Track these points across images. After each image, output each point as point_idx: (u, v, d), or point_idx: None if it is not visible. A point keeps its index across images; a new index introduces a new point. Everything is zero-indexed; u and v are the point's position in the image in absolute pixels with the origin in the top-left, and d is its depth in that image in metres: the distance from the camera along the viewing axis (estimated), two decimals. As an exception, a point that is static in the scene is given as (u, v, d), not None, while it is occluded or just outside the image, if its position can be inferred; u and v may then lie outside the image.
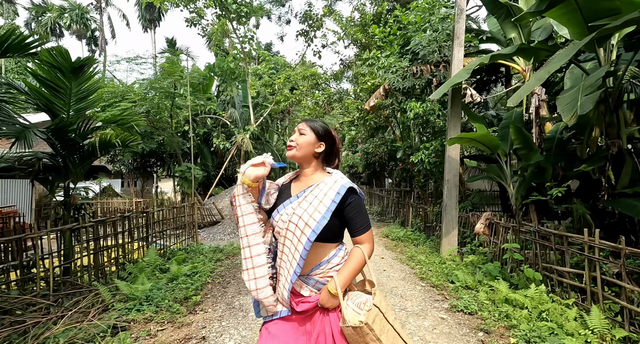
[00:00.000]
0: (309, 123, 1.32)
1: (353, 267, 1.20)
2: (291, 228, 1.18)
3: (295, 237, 1.17)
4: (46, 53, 3.76)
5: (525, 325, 2.50)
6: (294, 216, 1.19)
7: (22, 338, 2.43)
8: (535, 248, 3.48)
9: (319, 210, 1.17)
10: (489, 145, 4.72)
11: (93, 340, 2.46)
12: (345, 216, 1.22)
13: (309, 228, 1.14)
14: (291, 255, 1.19)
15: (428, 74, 6.35)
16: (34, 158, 4.05)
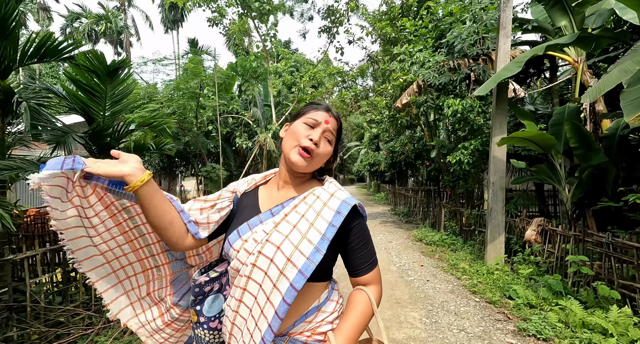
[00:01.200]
0: (339, 124, 0.91)
1: (358, 320, 0.79)
2: (262, 265, 0.75)
3: (268, 280, 0.74)
4: (83, 57, 3.73)
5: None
6: (268, 245, 0.76)
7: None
8: (609, 262, 3.11)
9: (310, 239, 0.76)
10: (542, 145, 4.33)
11: (137, 356, 2.35)
12: (345, 247, 0.84)
13: (293, 268, 0.73)
14: (258, 309, 0.75)
15: (466, 68, 5.95)
16: (72, 162, 4.03)
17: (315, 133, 0.84)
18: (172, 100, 9.12)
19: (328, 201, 0.83)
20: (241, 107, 15.40)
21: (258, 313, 0.75)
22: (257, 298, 0.75)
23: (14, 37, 3.34)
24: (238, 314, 0.78)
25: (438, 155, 6.82)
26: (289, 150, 0.84)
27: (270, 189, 0.93)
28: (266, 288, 0.74)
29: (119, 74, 4.02)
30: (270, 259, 0.75)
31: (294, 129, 0.86)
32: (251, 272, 0.77)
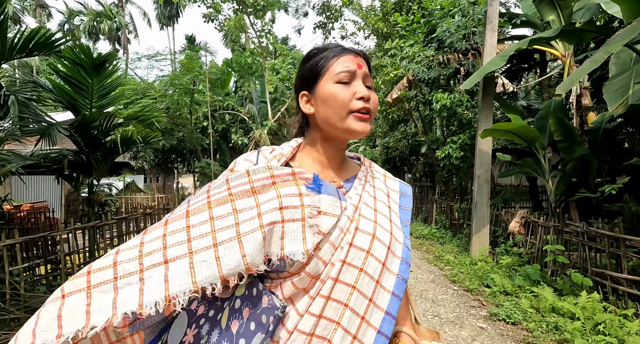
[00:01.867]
0: (370, 64, 0.72)
1: (408, 306, 0.72)
2: (355, 260, 0.60)
3: (366, 278, 0.60)
4: (69, 50, 3.76)
5: (580, 340, 2.23)
6: (360, 234, 0.61)
7: None
8: (583, 251, 3.16)
9: (396, 223, 0.67)
10: (526, 138, 4.37)
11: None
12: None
13: (394, 258, 0.63)
14: (357, 318, 0.58)
15: (455, 63, 5.98)
16: (60, 155, 4.08)
17: (359, 86, 0.66)
18: (166, 96, 9.14)
19: (386, 181, 0.76)
20: (237, 104, 15.42)
21: (357, 323, 0.57)
22: (351, 304, 0.58)
23: (1, 31, 3.36)
24: (313, 337, 0.57)
25: (428, 150, 6.86)
26: (340, 121, 0.65)
27: (311, 168, 0.70)
28: (365, 288, 0.59)
29: (105, 68, 4.05)
30: (367, 251, 0.60)
31: (329, 95, 0.65)
32: (339, 272, 0.58)
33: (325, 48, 0.69)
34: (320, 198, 0.60)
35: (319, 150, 0.72)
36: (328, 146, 0.71)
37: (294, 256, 0.55)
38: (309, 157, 0.73)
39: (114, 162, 5.21)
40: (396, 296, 0.60)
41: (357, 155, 0.82)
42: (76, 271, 3.35)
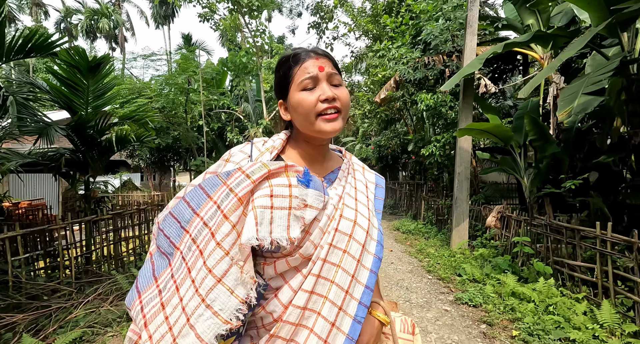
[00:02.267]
0: (332, 60, 0.76)
1: (378, 281, 0.83)
2: (339, 243, 0.69)
3: (349, 258, 0.69)
4: (65, 52, 3.94)
5: (530, 318, 2.47)
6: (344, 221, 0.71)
7: (48, 320, 2.63)
8: (547, 242, 3.40)
9: (371, 210, 0.78)
10: (501, 137, 4.60)
11: (110, 325, 2.63)
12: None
13: (371, 241, 0.73)
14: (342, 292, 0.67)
15: (440, 65, 6.20)
16: (57, 153, 4.28)
17: (323, 88, 0.70)
18: (161, 95, 9.32)
19: (364, 173, 0.84)
20: (233, 102, 15.60)
21: (341, 297, 0.67)
22: (336, 280, 0.67)
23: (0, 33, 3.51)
24: (305, 310, 0.65)
25: (415, 148, 7.10)
26: (310, 125, 0.71)
27: (298, 161, 0.78)
28: (348, 266, 0.68)
29: (100, 69, 4.22)
30: (350, 235, 0.69)
31: (297, 103, 0.71)
32: (327, 254, 0.67)
33: (290, 56, 0.74)
34: (307, 192, 0.66)
35: (303, 147, 0.79)
36: (310, 144, 0.78)
37: (280, 241, 0.61)
38: (296, 151, 0.80)
39: (110, 160, 5.40)
40: (373, 272, 0.71)
41: (339, 148, 0.89)
42: (73, 263, 3.56)
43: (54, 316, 2.65)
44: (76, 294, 3.15)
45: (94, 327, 2.53)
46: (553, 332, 2.34)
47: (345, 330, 0.66)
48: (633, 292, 2.51)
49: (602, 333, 2.32)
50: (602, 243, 2.71)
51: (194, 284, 0.58)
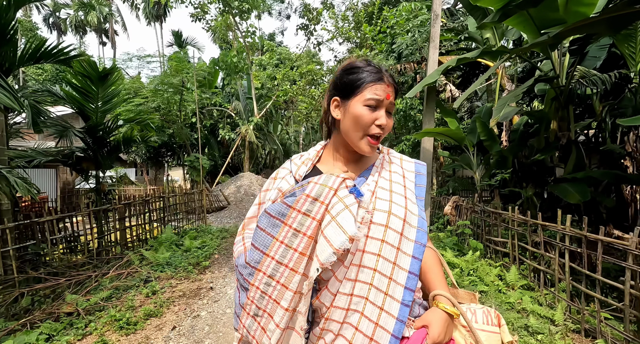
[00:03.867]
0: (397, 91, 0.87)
1: (442, 273, 0.85)
2: (376, 234, 0.76)
3: (387, 246, 0.75)
4: (78, 64, 4.56)
5: (454, 278, 3.28)
6: (377, 213, 0.77)
7: (80, 286, 3.32)
8: (482, 224, 4.23)
9: (411, 199, 0.82)
10: (455, 138, 5.40)
11: (129, 289, 3.34)
12: None
13: (410, 228, 0.77)
14: (385, 279, 0.74)
15: (412, 72, 6.96)
16: (71, 152, 4.91)
17: (381, 115, 0.79)
18: (157, 95, 9.87)
19: (402, 164, 0.90)
20: (224, 100, 16.12)
21: (386, 283, 0.73)
22: (378, 268, 0.73)
23: (13, 43, 4.05)
24: (352, 296, 0.74)
25: (388, 146, 7.88)
26: (356, 139, 0.81)
27: (332, 166, 0.89)
28: (388, 254, 0.74)
29: (109, 78, 4.86)
30: (385, 225, 0.75)
31: (355, 114, 0.79)
32: (365, 245, 0.75)
33: (366, 69, 0.81)
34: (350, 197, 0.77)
35: (340, 151, 0.88)
36: (347, 148, 0.87)
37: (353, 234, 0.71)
38: (331, 156, 0.90)
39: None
40: (416, 258, 0.74)
41: (380, 147, 0.94)
42: (93, 244, 4.21)
43: (84, 283, 3.34)
44: (97, 268, 3.84)
45: (119, 287, 3.24)
46: (467, 287, 3.16)
47: (394, 314, 0.71)
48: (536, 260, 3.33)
49: (503, 287, 3.14)
50: (519, 224, 3.52)
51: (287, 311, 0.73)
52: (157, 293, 3.20)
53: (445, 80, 6.91)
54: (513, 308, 2.83)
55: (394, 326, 0.71)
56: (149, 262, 4.18)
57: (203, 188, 7.60)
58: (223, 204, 10.65)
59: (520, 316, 2.65)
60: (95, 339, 2.34)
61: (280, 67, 14.89)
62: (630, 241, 2.18)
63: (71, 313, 2.71)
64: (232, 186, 11.67)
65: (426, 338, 0.72)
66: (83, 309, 2.72)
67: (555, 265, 2.86)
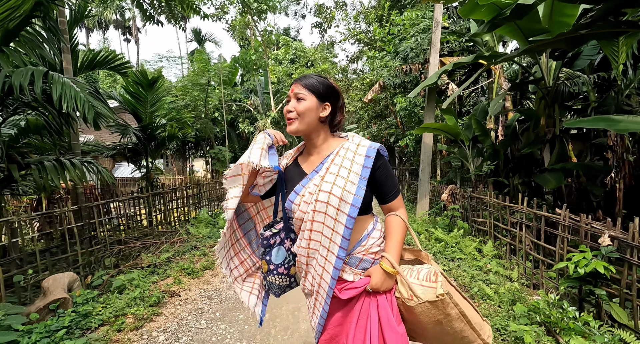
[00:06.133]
0: (304, 82, 1.09)
1: (399, 238, 1.08)
2: (320, 208, 1.04)
3: (329, 217, 1.03)
4: (132, 73, 5.52)
5: (439, 249, 4.10)
6: (321, 193, 1.04)
7: (146, 249, 4.35)
8: (468, 207, 5.00)
9: (352, 181, 1.04)
10: (451, 133, 6.11)
11: (185, 252, 4.34)
12: (375, 182, 1.09)
13: (345, 204, 1.02)
14: (327, 239, 1.05)
15: (416, 72, 7.63)
16: (126, 146, 5.95)
17: (290, 102, 1.11)
18: (187, 94, 10.90)
19: (357, 149, 1.08)
20: (243, 95, 17.07)
21: (327, 242, 1.05)
22: (323, 232, 1.05)
23: (76, 53, 5.01)
24: (309, 249, 1.10)
25: (395, 139, 8.62)
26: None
27: (306, 157, 1.19)
28: (329, 223, 1.04)
29: (155, 85, 5.82)
30: (326, 202, 1.03)
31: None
32: (313, 216, 1.05)
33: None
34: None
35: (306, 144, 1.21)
36: (306, 142, 1.20)
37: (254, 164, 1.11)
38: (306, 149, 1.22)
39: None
40: (347, 227, 1.02)
41: (347, 134, 1.19)
42: (147, 223, 5.24)
43: (152, 247, 4.37)
44: (157, 238, 4.87)
45: (177, 253, 4.25)
46: (448, 255, 3.98)
47: (332, 262, 1.06)
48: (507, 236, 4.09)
49: (478, 256, 3.94)
50: (491, 206, 4.28)
51: None
52: (207, 255, 4.19)
53: (447, 80, 7.54)
54: (481, 269, 3.64)
55: (332, 271, 1.05)
56: (194, 236, 5.19)
57: (229, 177, 8.61)
58: (244, 192, 11.66)
59: (485, 275, 3.45)
60: (173, 280, 3.33)
61: (296, 63, 15.64)
62: (561, 215, 2.94)
63: (148, 266, 3.72)
64: (252, 176, 12.65)
65: (367, 284, 1.06)
66: (157, 264, 3.73)
67: (518, 238, 3.62)
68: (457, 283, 3.37)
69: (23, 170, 3.32)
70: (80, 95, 3.10)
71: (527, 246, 3.47)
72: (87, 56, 5.03)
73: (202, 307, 2.83)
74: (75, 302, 2.64)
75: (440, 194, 6.91)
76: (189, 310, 2.77)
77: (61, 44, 4.24)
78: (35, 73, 2.94)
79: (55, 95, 2.89)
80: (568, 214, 2.85)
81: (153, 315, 2.61)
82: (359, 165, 1.06)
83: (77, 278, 2.98)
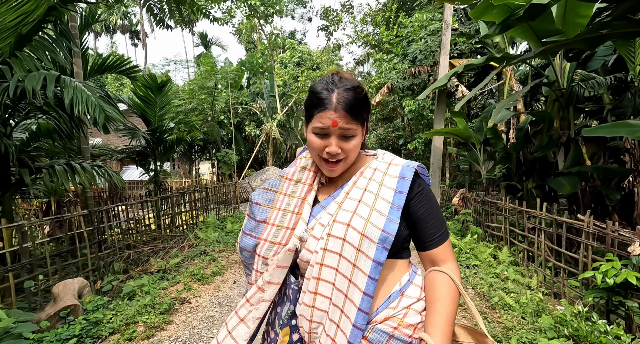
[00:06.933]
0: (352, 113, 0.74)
1: (449, 310, 0.70)
2: (334, 247, 0.71)
3: (345, 261, 0.71)
4: (141, 77, 5.53)
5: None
6: (337, 225, 0.72)
7: (155, 254, 4.31)
8: (481, 212, 4.88)
9: (380, 210, 0.72)
10: (462, 136, 6.01)
11: (195, 257, 4.29)
12: (411, 216, 0.75)
13: (370, 242, 0.69)
14: (341, 295, 0.71)
15: (425, 74, 7.55)
16: (135, 149, 5.95)
17: (330, 143, 0.74)
18: (194, 97, 10.94)
19: (387, 169, 0.79)
20: (249, 98, 17.14)
21: (341, 300, 0.70)
22: (336, 283, 0.71)
23: (86, 57, 5.01)
24: (315, 308, 0.73)
25: (404, 142, 8.53)
26: (317, 160, 0.80)
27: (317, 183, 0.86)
28: (344, 270, 0.70)
29: (164, 88, 5.83)
30: (342, 238, 0.70)
31: (309, 140, 0.78)
32: (323, 258, 0.71)
33: (317, 93, 0.75)
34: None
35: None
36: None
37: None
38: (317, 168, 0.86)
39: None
40: (372, 278, 0.68)
41: (377, 151, 0.88)
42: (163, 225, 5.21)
43: (161, 252, 4.33)
44: (166, 242, 4.83)
45: (187, 257, 4.21)
46: (465, 262, 3.87)
47: (346, 333, 0.68)
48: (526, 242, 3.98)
49: (494, 263, 3.83)
50: (506, 211, 4.17)
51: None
52: (217, 260, 4.14)
53: (457, 82, 7.45)
54: (498, 277, 3.53)
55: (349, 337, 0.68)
56: (202, 240, 5.15)
57: (237, 180, 8.58)
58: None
59: (503, 283, 3.35)
60: (182, 286, 3.28)
61: (302, 65, 15.66)
62: (585, 221, 2.83)
63: (158, 271, 3.67)
64: (258, 179, 12.67)
65: None
66: (166, 269, 3.68)
67: (536, 244, 3.51)
68: (475, 292, 3.27)
69: (34, 174, 3.31)
70: (92, 98, 3.08)
71: (545, 252, 3.35)
72: (97, 60, 5.04)
73: (213, 315, 2.76)
74: (85, 309, 2.60)
75: (451, 198, 6.80)
76: (200, 318, 2.71)
77: (72, 48, 4.25)
78: (47, 77, 2.92)
79: (67, 99, 2.87)
80: (592, 220, 2.74)
81: (164, 323, 2.55)
82: (391, 189, 0.75)
83: (87, 283, 2.94)
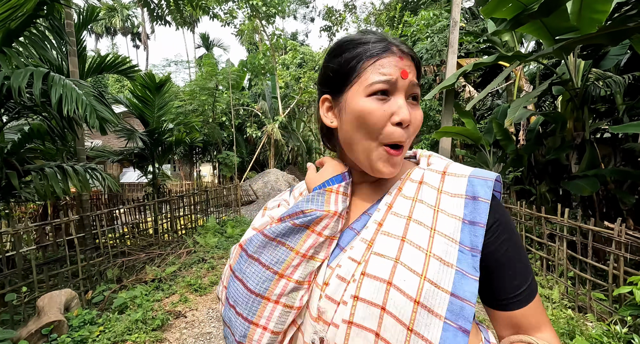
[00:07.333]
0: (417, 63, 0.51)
1: None
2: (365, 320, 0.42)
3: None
4: (140, 77, 5.35)
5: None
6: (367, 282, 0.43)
7: (151, 261, 4.10)
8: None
9: (440, 255, 0.43)
10: (471, 137, 5.78)
11: (192, 264, 4.08)
12: (485, 259, 0.45)
13: (429, 316, 0.40)
14: None
15: (431, 74, 7.34)
16: (133, 151, 5.76)
17: (400, 105, 0.46)
18: (194, 98, 10.77)
19: (443, 184, 0.49)
20: (251, 99, 16.98)
21: None
22: None
23: (83, 57, 4.84)
24: None
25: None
26: (364, 154, 0.50)
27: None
28: None
29: (163, 88, 5.64)
30: (381, 306, 0.41)
31: (357, 113, 0.48)
32: (346, 339, 0.42)
33: (363, 41, 0.49)
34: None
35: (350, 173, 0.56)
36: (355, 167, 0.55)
37: None
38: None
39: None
40: None
41: (415, 151, 0.59)
42: (161, 230, 5.01)
43: (157, 259, 4.12)
44: (163, 248, 4.63)
45: (184, 265, 3.99)
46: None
47: None
48: (543, 250, 3.75)
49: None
50: (521, 216, 3.94)
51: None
52: (215, 268, 3.92)
53: (464, 82, 7.24)
54: (516, 287, 3.29)
55: None
56: (201, 246, 4.93)
57: (238, 183, 8.38)
58: (252, 198, 11.47)
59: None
60: (178, 297, 3.06)
61: (304, 67, 15.50)
62: (615, 229, 2.60)
63: (153, 280, 3.46)
64: (259, 182, 12.47)
65: None
66: (162, 278, 3.47)
67: (556, 253, 3.28)
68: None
69: (22, 177, 3.11)
70: (82, 98, 2.89)
71: (564, 261, 3.12)
72: (94, 60, 4.89)
73: (210, 331, 2.55)
74: (71, 325, 2.39)
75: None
76: (196, 335, 2.49)
77: (68, 47, 4.07)
78: (35, 74, 2.74)
79: (55, 98, 2.68)
80: (625, 229, 2.51)
81: (156, 342, 2.34)
82: (454, 218, 0.45)
83: (75, 295, 2.73)
